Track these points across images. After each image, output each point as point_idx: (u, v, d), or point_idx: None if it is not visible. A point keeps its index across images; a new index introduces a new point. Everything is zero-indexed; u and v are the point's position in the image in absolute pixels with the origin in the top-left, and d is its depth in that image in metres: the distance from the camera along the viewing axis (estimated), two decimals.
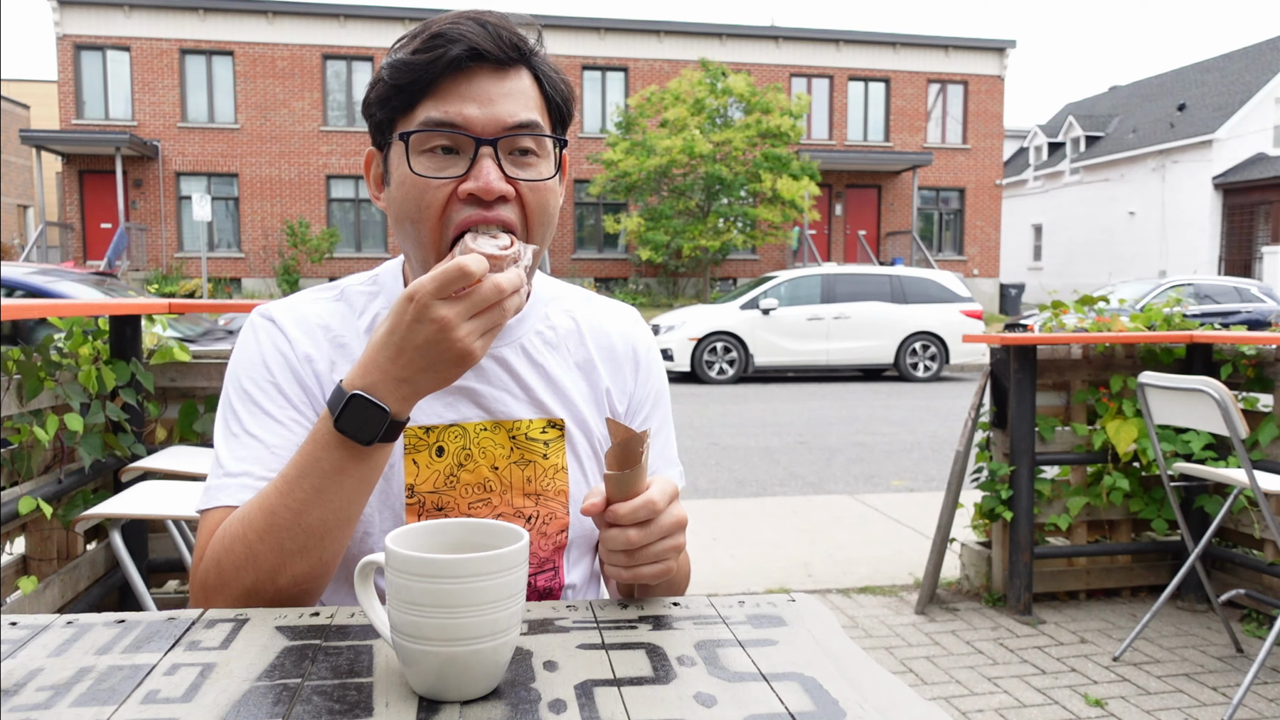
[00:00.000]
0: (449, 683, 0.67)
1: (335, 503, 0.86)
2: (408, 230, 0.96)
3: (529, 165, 0.95)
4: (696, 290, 21.19)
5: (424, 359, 0.82)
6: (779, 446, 7.39)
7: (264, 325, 1.02)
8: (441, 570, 0.66)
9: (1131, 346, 3.52)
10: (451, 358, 0.82)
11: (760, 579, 3.75)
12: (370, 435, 0.84)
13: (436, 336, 0.81)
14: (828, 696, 0.70)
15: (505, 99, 0.93)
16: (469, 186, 0.92)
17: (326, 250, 20.49)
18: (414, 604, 0.66)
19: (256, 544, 0.86)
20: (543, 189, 0.96)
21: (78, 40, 20.13)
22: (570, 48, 21.93)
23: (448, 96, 0.91)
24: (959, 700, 2.64)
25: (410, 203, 0.94)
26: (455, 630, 0.66)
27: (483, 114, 0.92)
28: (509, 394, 1.04)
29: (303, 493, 0.85)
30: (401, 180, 0.94)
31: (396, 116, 0.94)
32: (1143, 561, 3.56)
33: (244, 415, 0.97)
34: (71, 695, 0.68)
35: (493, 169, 0.92)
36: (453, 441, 1.01)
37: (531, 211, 0.95)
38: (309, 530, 0.86)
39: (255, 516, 0.87)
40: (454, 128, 0.91)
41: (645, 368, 1.13)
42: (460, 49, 0.90)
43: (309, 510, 0.86)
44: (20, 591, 2.35)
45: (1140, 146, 27.43)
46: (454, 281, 0.80)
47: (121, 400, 2.74)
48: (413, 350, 0.82)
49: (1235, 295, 15.08)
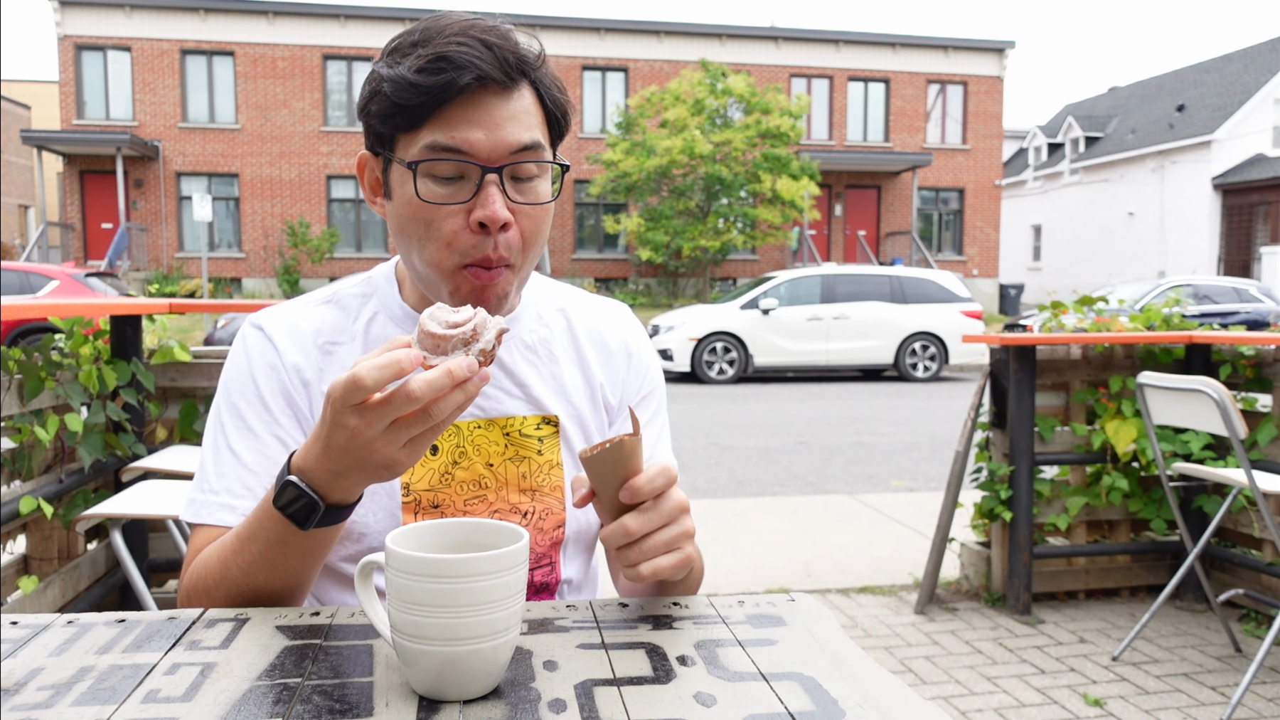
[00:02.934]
0: (449, 683, 0.68)
1: (280, 571, 0.86)
2: (413, 249, 0.96)
3: (529, 189, 0.95)
4: (696, 290, 21.19)
5: (348, 460, 0.78)
6: (779, 446, 7.39)
7: (254, 336, 1.03)
8: (442, 570, 0.66)
9: (1131, 347, 3.52)
10: (374, 465, 0.78)
11: (760, 579, 3.75)
12: (304, 520, 0.81)
13: (350, 444, 0.76)
14: (827, 696, 0.70)
15: (509, 122, 0.92)
16: (478, 215, 0.92)
17: (327, 250, 20.49)
18: (414, 604, 0.66)
19: (215, 589, 0.90)
20: (540, 212, 0.96)
21: (79, 40, 20.12)
22: (570, 48, 21.93)
23: (454, 122, 0.90)
24: (958, 700, 2.65)
25: (417, 225, 0.94)
26: (455, 630, 0.66)
27: (488, 140, 0.91)
28: (504, 391, 1.04)
29: (251, 555, 0.86)
30: (407, 201, 0.94)
31: (398, 134, 0.93)
32: (1142, 561, 3.56)
33: (229, 429, 1.00)
34: (72, 694, 0.68)
35: (498, 197, 0.92)
36: (447, 440, 1.02)
37: (527, 235, 0.96)
38: (257, 591, 0.88)
39: (214, 564, 0.90)
40: (460, 154, 0.91)
41: (638, 361, 1.14)
42: (469, 77, 0.89)
43: (255, 573, 0.87)
44: (21, 591, 2.36)
45: (1139, 147, 27.43)
46: (358, 391, 0.73)
47: (122, 400, 2.74)
48: (336, 451, 0.78)
49: (1234, 296, 15.07)
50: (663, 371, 1.19)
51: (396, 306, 1.05)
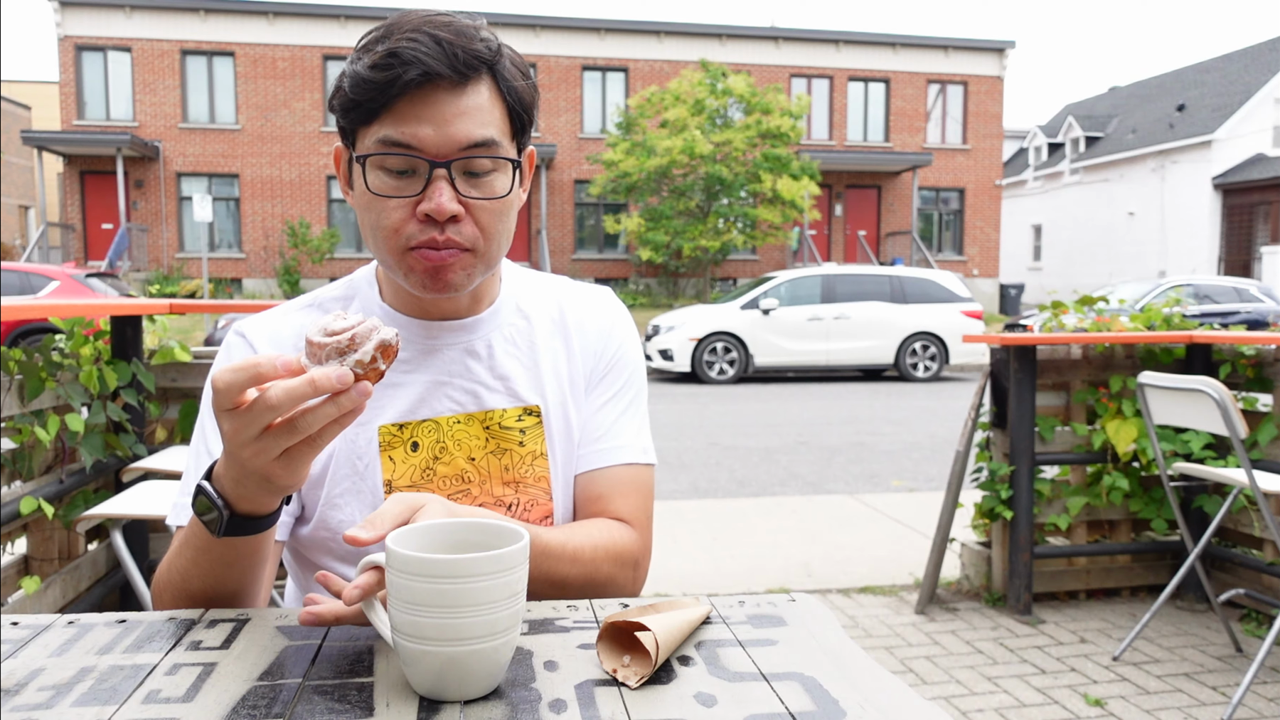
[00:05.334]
0: (449, 683, 0.68)
1: (210, 577, 0.87)
2: (369, 238, 0.97)
3: (483, 183, 0.95)
4: (697, 290, 21.20)
5: (235, 467, 0.76)
6: (779, 446, 7.39)
7: (237, 343, 1.05)
8: (442, 570, 0.66)
9: (1131, 346, 3.52)
10: (254, 474, 0.75)
11: (760, 579, 3.75)
12: (214, 527, 0.81)
13: (229, 449, 0.74)
14: (828, 696, 0.70)
15: (460, 119, 0.91)
16: (424, 208, 0.92)
17: (327, 251, 20.49)
18: (415, 604, 0.66)
19: (164, 592, 0.92)
20: (498, 205, 0.96)
21: (79, 41, 20.13)
22: (570, 48, 21.93)
23: (403, 117, 0.90)
24: (959, 700, 2.65)
25: (369, 214, 0.95)
26: (456, 630, 0.66)
27: (437, 135, 0.91)
28: (483, 386, 1.04)
29: (185, 560, 0.88)
30: (361, 193, 0.95)
31: (357, 127, 0.94)
32: (1142, 561, 3.56)
33: (209, 433, 1.00)
34: (73, 695, 0.68)
35: (445, 190, 0.92)
36: (427, 436, 1.02)
37: (484, 228, 0.96)
38: (193, 594, 0.89)
39: (163, 566, 0.93)
40: (408, 149, 0.91)
41: (611, 339, 1.13)
42: (415, 72, 0.88)
43: (191, 578, 0.88)
44: (22, 591, 2.36)
45: (1140, 147, 27.42)
46: (217, 395, 0.71)
47: (123, 400, 2.75)
48: (226, 457, 0.76)
49: (1234, 295, 15.06)
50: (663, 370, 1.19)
51: (376, 307, 1.05)
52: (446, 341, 1.04)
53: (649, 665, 0.72)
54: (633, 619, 0.76)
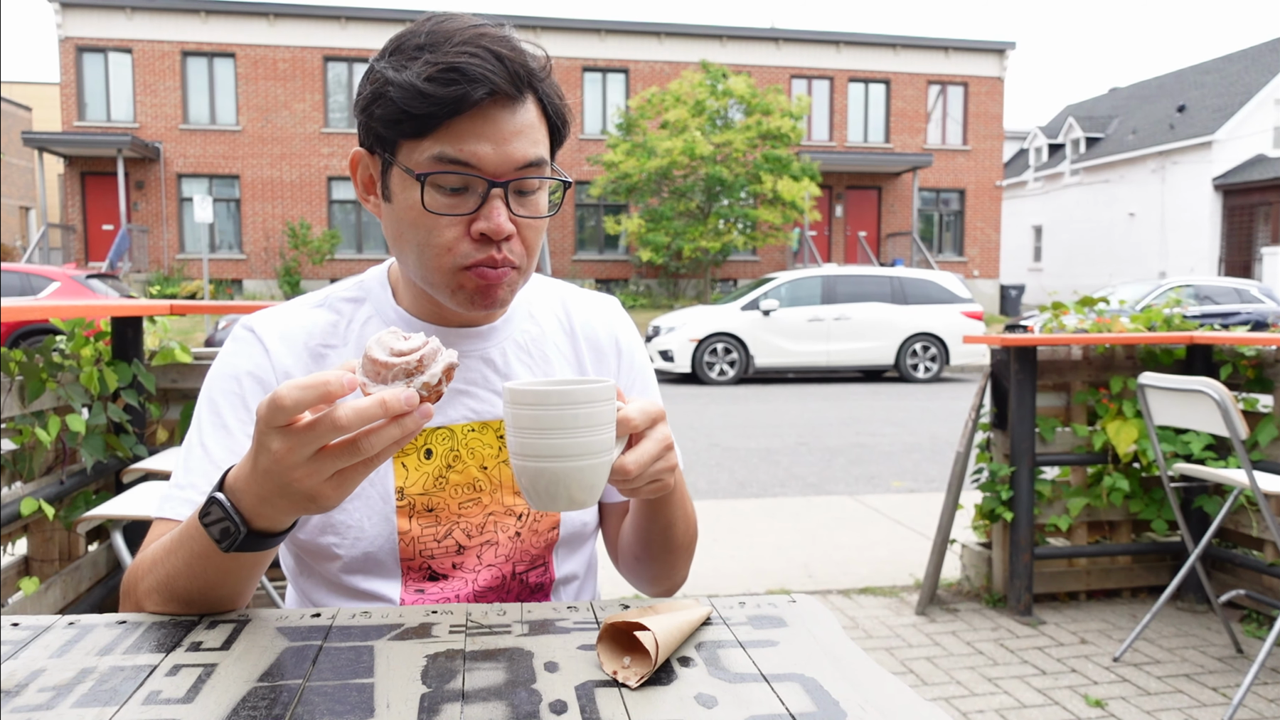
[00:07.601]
0: (559, 495, 0.79)
1: (200, 582, 0.84)
2: (410, 253, 0.95)
3: (531, 201, 0.95)
4: (697, 291, 21.20)
5: (271, 485, 0.73)
6: (779, 447, 7.39)
7: (246, 337, 1.03)
8: (554, 400, 0.77)
9: (1131, 347, 3.52)
10: (297, 495, 0.72)
11: (761, 580, 3.75)
12: (227, 543, 0.78)
13: (273, 468, 0.71)
14: (828, 697, 0.70)
15: (516, 137, 0.91)
16: (480, 227, 0.91)
17: (328, 252, 20.50)
18: (522, 428, 0.78)
19: (141, 581, 0.88)
20: (540, 224, 0.97)
21: (80, 42, 20.14)
22: (571, 49, 21.93)
23: (462, 134, 0.89)
24: (959, 701, 2.64)
25: (417, 231, 0.93)
26: (564, 449, 0.77)
27: (496, 154, 0.90)
28: (497, 394, 1.04)
29: (176, 561, 0.84)
30: (409, 207, 0.93)
31: (402, 139, 0.91)
32: (1143, 562, 3.56)
33: (206, 425, 0.98)
34: (73, 696, 0.68)
35: (503, 210, 0.91)
36: (440, 444, 1.01)
37: (529, 245, 0.96)
38: (176, 595, 0.85)
39: (148, 559, 0.88)
40: (468, 167, 0.90)
41: (628, 355, 1.15)
42: (482, 91, 0.87)
43: (178, 579, 0.84)
44: (22, 592, 2.36)
45: (1140, 148, 27.42)
46: (279, 412, 0.68)
47: (123, 401, 2.75)
48: (261, 474, 0.73)
49: (1235, 296, 15.06)
50: (663, 371, 1.19)
51: (390, 310, 1.04)
52: (463, 349, 1.03)
53: (649, 666, 0.73)
54: (633, 620, 0.76)
